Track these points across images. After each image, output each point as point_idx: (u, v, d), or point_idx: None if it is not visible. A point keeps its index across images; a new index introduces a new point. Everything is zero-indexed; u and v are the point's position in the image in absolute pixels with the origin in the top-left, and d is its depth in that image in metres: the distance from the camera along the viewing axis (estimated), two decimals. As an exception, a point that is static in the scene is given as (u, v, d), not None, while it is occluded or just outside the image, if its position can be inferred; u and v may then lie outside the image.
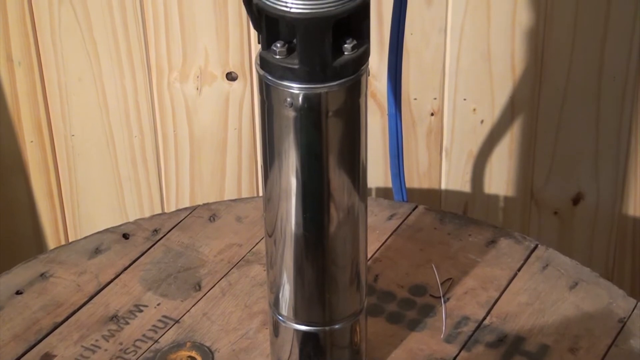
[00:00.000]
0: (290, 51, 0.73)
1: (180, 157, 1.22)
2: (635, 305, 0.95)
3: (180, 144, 1.22)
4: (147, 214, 1.24)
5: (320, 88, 0.73)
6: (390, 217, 1.06)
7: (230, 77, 1.18)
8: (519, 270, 0.99)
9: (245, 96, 1.19)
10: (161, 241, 1.03)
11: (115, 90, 1.18)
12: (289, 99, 0.74)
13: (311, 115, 0.74)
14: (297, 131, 0.75)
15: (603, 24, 1.16)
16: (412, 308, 0.96)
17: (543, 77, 1.19)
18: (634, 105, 1.21)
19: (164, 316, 0.95)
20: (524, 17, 1.15)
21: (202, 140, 1.21)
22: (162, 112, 1.20)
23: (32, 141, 1.21)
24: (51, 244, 1.26)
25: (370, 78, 1.13)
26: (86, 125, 1.20)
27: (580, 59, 1.18)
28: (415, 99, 1.20)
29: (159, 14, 1.14)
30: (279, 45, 0.73)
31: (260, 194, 1.24)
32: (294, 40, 0.73)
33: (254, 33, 1.12)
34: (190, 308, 0.96)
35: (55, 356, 0.91)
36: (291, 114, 0.75)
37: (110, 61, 1.16)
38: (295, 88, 0.73)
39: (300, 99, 0.74)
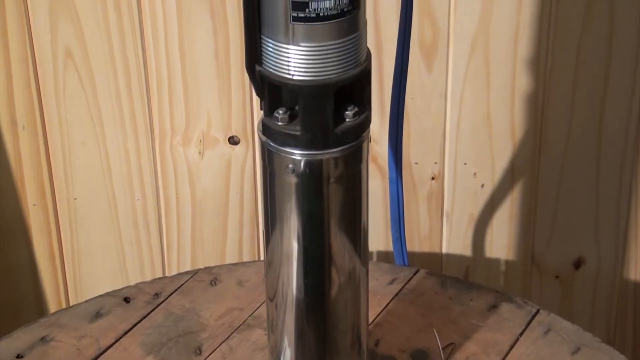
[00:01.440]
0: (292, 118, 0.74)
1: (182, 221, 1.23)
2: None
3: (182, 207, 1.22)
4: (148, 277, 1.24)
5: (321, 154, 0.74)
6: (392, 282, 1.06)
7: (233, 141, 1.19)
8: (520, 335, 0.99)
9: (247, 160, 1.20)
10: (162, 305, 1.03)
11: (118, 153, 1.19)
12: (290, 165, 0.74)
13: (313, 182, 0.75)
14: (298, 197, 0.76)
15: (602, 90, 1.18)
16: (414, 373, 0.95)
17: (543, 142, 1.20)
18: (634, 170, 1.22)
19: (165, 381, 0.95)
20: (523, 83, 1.17)
21: (204, 204, 1.22)
22: (165, 175, 1.20)
23: (34, 204, 1.21)
24: (52, 307, 1.26)
25: (371, 142, 1.14)
26: (89, 189, 1.21)
27: (579, 124, 1.19)
28: (416, 163, 1.21)
29: (163, 79, 1.15)
30: (281, 112, 0.74)
31: (262, 257, 1.24)
32: (296, 107, 0.74)
33: (256, 97, 1.13)
34: (191, 373, 0.96)
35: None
36: (293, 179, 0.75)
37: (113, 125, 1.17)
38: (297, 154, 0.74)
39: (302, 165, 0.74)
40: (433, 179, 1.22)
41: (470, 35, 1.14)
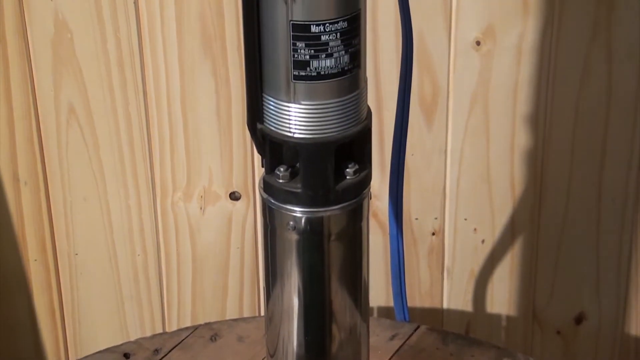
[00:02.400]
0: (293, 175, 0.75)
1: (183, 276, 1.23)
2: None
3: (182, 263, 1.22)
4: (148, 333, 1.24)
5: (322, 212, 0.74)
6: (392, 338, 1.06)
7: (234, 196, 1.19)
8: (522, 392, 0.99)
9: (248, 215, 1.20)
10: (162, 361, 1.03)
11: (119, 209, 1.19)
12: (291, 222, 0.75)
13: (313, 239, 0.75)
14: (299, 253, 0.76)
15: (601, 146, 1.18)
16: None
17: (543, 198, 1.21)
18: (634, 226, 1.22)
19: None
20: (522, 139, 1.17)
21: (204, 259, 1.22)
22: (166, 231, 1.21)
23: (35, 260, 1.21)
24: (52, 362, 1.26)
25: (371, 198, 1.14)
26: (90, 244, 1.21)
27: (579, 180, 1.20)
28: (416, 218, 1.21)
29: (165, 135, 1.16)
30: (282, 169, 0.75)
31: (262, 313, 1.24)
32: (297, 165, 0.74)
33: (257, 153, 1.14)
34: None
35: None
36: (294, 236, 0.75)
37: (115, 181, 1.18)
38: (298, 212, 0.74)
39: (302, 222, 0.75)
40: (433, 234, 1.22)
41: (470, 92, 1.15)
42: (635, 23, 1.13)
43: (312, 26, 0.70)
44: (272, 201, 0.76)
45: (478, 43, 1.13)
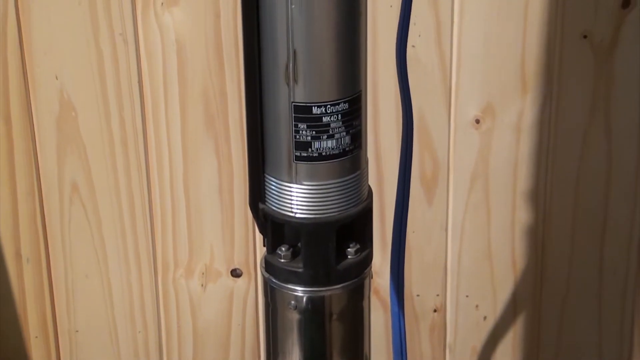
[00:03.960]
0: (294, 255, 0.75)
1: (184, 353, 1.22)
2: None
3: (183, 340, 1.22)
4: (149, 411, 1.23)
5: (323, 291, 0.75)
6: (394, 416, 1.05)
7: (235, 273, 1.20)
8: None
9: (249, 292, 1.20)
10: None
11: (121, 286, 1.19)
12: (293, 302, 0.75)
13: (315, 318, 0.75)
14: (300, 332, 0.76)
15: (601, 220, 1.19)
16: None
17: (544, 274, 1.21)
18: (635, 299, 1.22)
19: None
20: (523, 215, 1.18)
21: (205, 336, 1.22)
22: (167, 308, 1.20)
23: (36, 337, 1.21)
24: None
25: (373, 273, 1.14)
26: (91, 321, 1.21)
27: (580, 254, 1.20)
28: (418, 295, 1.21)
29: (167, 213, 1.16)
30: (283, 249, 0.75)
31: (264, 390, 1.23)
32: (299, 244, 0.75)
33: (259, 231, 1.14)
34: None
35: None
36: (295, 316, 0.75)
37: (117, 258, 1.18)
38: (300, 291, 0.75)
39: (304, 301, 0.75)
40: (435, 311, 1.22)
41: (470, 168, 1.16)
42: (634, 100, 1.14)
43: (313, 107, 0.71)
44: (274, 280, 0.76)
45: (477, 121, 1.14)
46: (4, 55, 1.09)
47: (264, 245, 0.77)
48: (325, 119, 0.71)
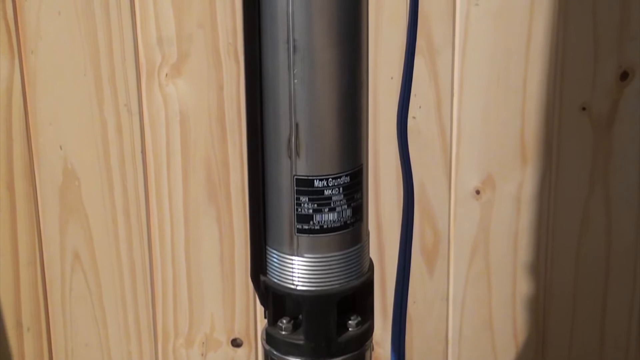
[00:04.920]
0: (295, 327, 0.75)
1: None
2: None
3: (183, 410, 1.21)
4: None
5: (325, 364, 0.75)
6: None
7: (235, 343, 1.19)
8: None
9: (249, 362, 1.20)
10: None
11: (121, 355, 1.19)
12: (294, 374, 0.75)
13: (316, 390, 0.75)
14: (301, 405, 0.76)
15: (602, 293, 1.19)
16: None
17: (545, 345, 1.20)
18: (637, 374, 1.22)
19: None
20: (524, 287, 1.18)
21: (205, 406, 1.21)
22: (167, 377, 1.20)
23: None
24: None
25: (374, 344, 1.14)
26: (90, 390, 1.20)
27: (581, 326, 1.20)
28: (418, 366, 1.21)
29: (168, 282, 1.16)
30: (284, 321, 0.75)
31: None
32: (300, 316, 0.75)
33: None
34: None
35: None
36: (296, 387, 0.75)
37: (117, 327, 1.18)
38: (301, 363, 0.75)
39: (305, 374, 0.75)
40: (436, 382, 1.22)
41: (471, 240, 1.16)
42: (633, 173, 1.15)
43: (315, 181, 0.72)
44: (275, 352, 0.76)
45: (478, 192, 1.15)
46: (9, 124, 1.10)
47: (265, 317, 0.77)
48: (326, 192, 0.72)
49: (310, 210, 0.72)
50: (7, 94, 1.09)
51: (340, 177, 0.72)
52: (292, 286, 0.74)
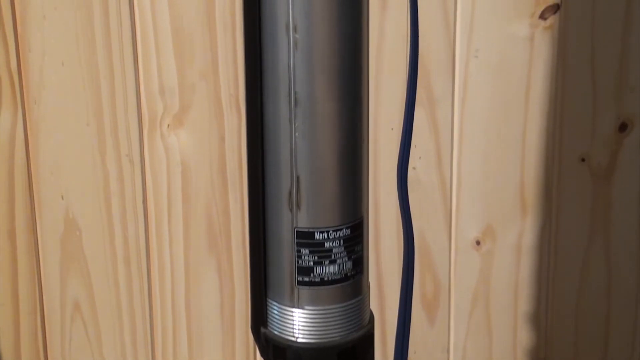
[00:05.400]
0: (296, 379, 0.75)
1: None
2: None
3: None
4: None
5: (325, 417, 0.74)
6: None
7: (236, 393, 1.19)
8: None
9: (249, 413, 1.20)
10: None
11: (120, 405, 1.19)
12: None
13: None
14: None
15: (603, 343, 1.18)
16: None
17: (546, 396, 1.20)
18: None
19: None
20: (524, 337, 1.18)
21: None
22: None
23: None
24: None
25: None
26: None
27: (582, 378, 1.20)
28: (419, 417, 1.20)
29: (168, 332, 1.16)
30: (285, 373, 0.75)
31: None
32: (300, 369, 0.75)
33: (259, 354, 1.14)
34: None
35: None
36: None
37: (117, 377, 1.18)
38: (301, 418, 0.74)
39: None
40: None
41: (471, 290, 1.16)
42: (633, 223, 1.16)
43: (316, 233, 0.72)
44: (275, 405, 0.76)
45: (478, 242, 1.15)
46: (12, 174, 1.11)
47: (266, 370, 0.77)
48: (327, 245, 0.72)
49: (311, 263, 0.72)
50: (10, 144, 1.10)
51: (341, 230, 0.73)
52: (293, 338, 0.74)
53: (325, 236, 0.72)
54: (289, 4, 0.69)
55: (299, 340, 0.73)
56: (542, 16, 1.11)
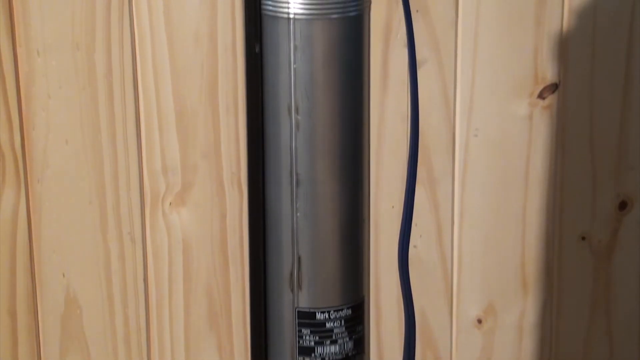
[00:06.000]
0: None
1: None
2: None
3: None
4: None
5: None
6: None
7: None
8: None
9: None
10: None
11: None
12: None
13: None
14: None
15: None
16: None
17: None
18: None
19: None
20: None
21: None
22: None
23: None
24: None
25: None
26: None
27: None
28: None
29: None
30: None
31: None
32: None
33: None
34: None
35: None
36: None
37: None
38: None
39: None
40: None
41: (473, 368, 1.16)
42: (634, 301, 1.15)
43: (317, 313, 0.72)
44: None
45: (479, 321, 1.15)
46: (13, 252, 1.11)
47: None
48: (328, 325, 0.72)
49: (312, 343, 0.72)
50: (12, 223, 1.10)
51: (342, 310, 0.73)
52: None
53: (327, 316, 0.72)
54: (291, 86, 0.70)
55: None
56: (541, 95, 1.12)
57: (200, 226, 1.11)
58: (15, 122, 1.07)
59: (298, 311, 0.72)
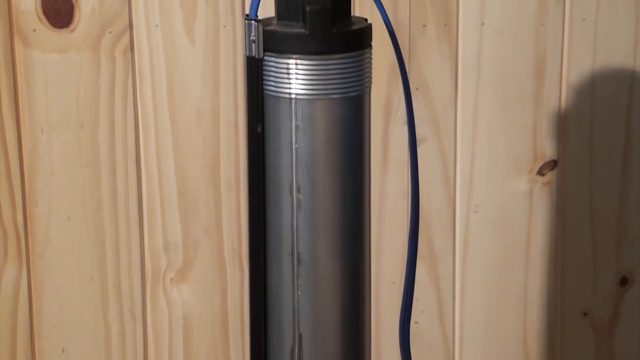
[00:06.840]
0: None
1: None
2: None
3: None
4: None
5: None
6: None
7: None
8: None
9: None
10: None
11: None
12: None
13: None
14: None
15: None
16: None
17: None
18: None
19: None
20: None
21: None
22: None
23: None
24: None
25: None
26: None
27: None
28: None
29: None
30: None
31: None
32: None
33: None
34: None
35: None
36: None
37: None
38: None
39: None
40: None
41: None
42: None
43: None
44: None
45: (482, 397, 1.14)
46: (14, 327, 1.11)
47: None
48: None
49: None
50: (14, 298, 1.10)
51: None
52: None
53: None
54: (292, 165, 0.70)
55: None
56: (540, 172, 1.13)
57: (201, 302, 1.11)
58: (18, 199, 1.08)
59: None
